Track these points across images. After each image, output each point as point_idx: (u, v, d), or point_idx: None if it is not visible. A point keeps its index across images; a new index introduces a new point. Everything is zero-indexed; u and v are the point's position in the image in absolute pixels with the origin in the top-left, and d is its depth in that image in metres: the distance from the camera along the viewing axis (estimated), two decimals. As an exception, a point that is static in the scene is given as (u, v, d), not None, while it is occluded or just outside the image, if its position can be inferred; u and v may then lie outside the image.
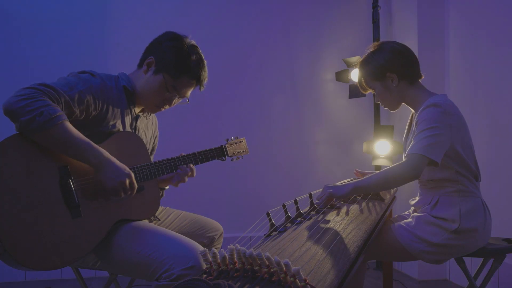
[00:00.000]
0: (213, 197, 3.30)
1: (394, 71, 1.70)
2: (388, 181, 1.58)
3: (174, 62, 1.58)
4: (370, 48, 1.78)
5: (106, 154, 1.40)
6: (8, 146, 1.29)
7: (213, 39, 3.35)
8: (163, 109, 1.66)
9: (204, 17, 3.35)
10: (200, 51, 1.65)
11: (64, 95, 1.37)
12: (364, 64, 1.76)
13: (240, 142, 1.90)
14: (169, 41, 1.60)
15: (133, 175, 1.44)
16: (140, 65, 1.66)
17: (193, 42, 1.65)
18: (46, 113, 1.28)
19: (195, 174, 1.70)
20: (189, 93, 1.67)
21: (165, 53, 1.58)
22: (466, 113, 1.91)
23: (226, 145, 1.84)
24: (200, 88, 1.67)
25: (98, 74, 1.53)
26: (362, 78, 1.78)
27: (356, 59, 3.13)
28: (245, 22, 3.44)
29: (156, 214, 1.75)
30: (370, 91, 1.79)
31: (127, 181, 1.41)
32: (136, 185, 1.45)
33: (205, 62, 1.65)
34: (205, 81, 1.66)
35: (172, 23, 3.04)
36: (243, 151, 1.90)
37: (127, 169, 1.43)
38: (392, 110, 1.79)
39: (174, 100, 1.66)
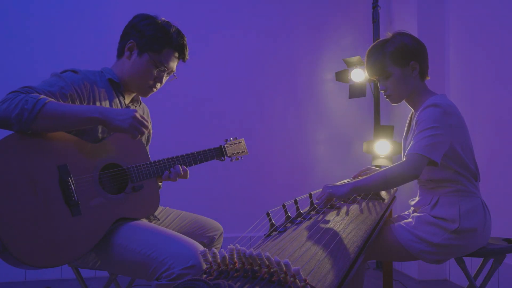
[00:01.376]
0: (213, 197, 3.30)
1: (419, 60, 1.66)
2: (388, 181, 1.58)
3: (155, 37, 1.59)
4: (389, 34, 1.70)
5: (103, 106, 1.43)
6: (7, 145, 1.29)
7: (213, 38, 3.35)
8: (155, 89, 1.67)
9: (204, 16, 3.36)
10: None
11: (44, 91, 1.39)
12: (387, 45, 1.66)
13: (239, 142, 1.89)
14: (143, 20, 1.62)
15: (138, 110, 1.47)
16: (120, 54, 1.66)
17: (164, 19, 1.66)
18: (31, 100, 1.30)
19: (188, 176, 1.69)
20: (175, 66, 1.68)
21: (143, 32, 1.59)
22: (466, 113, 1.91)
23: (225, 145, 1.84)
24: (184, 59, 1.69)
25: (81, 70, 1.54)
26: (381, 60, 1.65)
27: (356, 59, 3.13)
28: (244, 22, 3.44)
29: (156, 214, 1.74)
30: (374, 78, 1.72)
31: (137, 115, 1.41)
32: (146, 119, 1.45)
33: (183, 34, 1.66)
34: (187, 51, 1.68)
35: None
36: (242, 152, 1.90)
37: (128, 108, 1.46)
38: (395, 103, 1.73)
39: (164, 78, 1.67)
